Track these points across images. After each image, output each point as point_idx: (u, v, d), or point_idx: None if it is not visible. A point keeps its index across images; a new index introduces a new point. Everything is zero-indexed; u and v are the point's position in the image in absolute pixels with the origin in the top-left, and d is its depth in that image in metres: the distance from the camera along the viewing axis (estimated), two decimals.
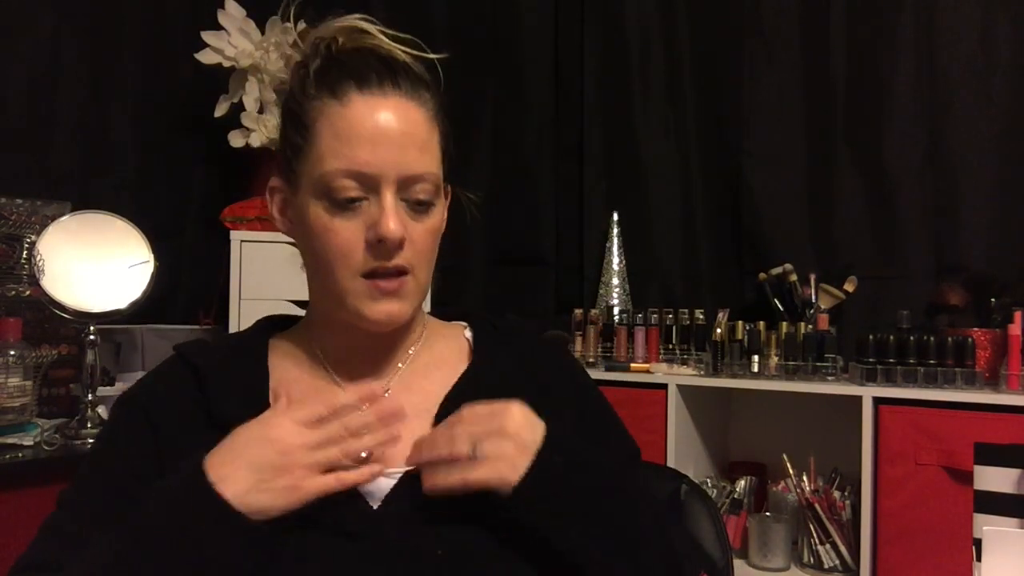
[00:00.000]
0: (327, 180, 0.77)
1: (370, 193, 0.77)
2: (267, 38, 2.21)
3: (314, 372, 0.86)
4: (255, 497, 0.69)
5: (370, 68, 0.79)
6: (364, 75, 0.78)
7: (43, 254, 1.61)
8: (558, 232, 2.46)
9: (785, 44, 2.18)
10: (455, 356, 0.89)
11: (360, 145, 0.76)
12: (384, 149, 0.76)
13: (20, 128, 2.02)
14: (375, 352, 0.86)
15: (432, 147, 0.80)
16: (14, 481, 1.45)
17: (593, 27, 2.41)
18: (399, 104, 0.78)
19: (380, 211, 0.76)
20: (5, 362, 1.60)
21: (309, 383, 0.85)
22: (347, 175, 0.76)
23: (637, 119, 2.34)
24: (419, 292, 0.82)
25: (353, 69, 0.79)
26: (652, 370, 2.00)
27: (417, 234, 0.79)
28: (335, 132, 0.77)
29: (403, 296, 0.80)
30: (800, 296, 2.04)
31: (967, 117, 1.98)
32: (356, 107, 0.77)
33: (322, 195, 0.78)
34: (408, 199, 0.79)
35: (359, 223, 0.77)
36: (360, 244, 0.77)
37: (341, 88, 0.78)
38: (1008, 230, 1.94)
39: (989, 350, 1.72)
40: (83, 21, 2.14)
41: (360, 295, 0.79)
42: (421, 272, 0.81)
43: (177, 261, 2.30)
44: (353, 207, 0.77)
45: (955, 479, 1.60)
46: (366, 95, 0.77)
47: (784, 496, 1.91)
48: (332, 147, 0.77)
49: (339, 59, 0.80)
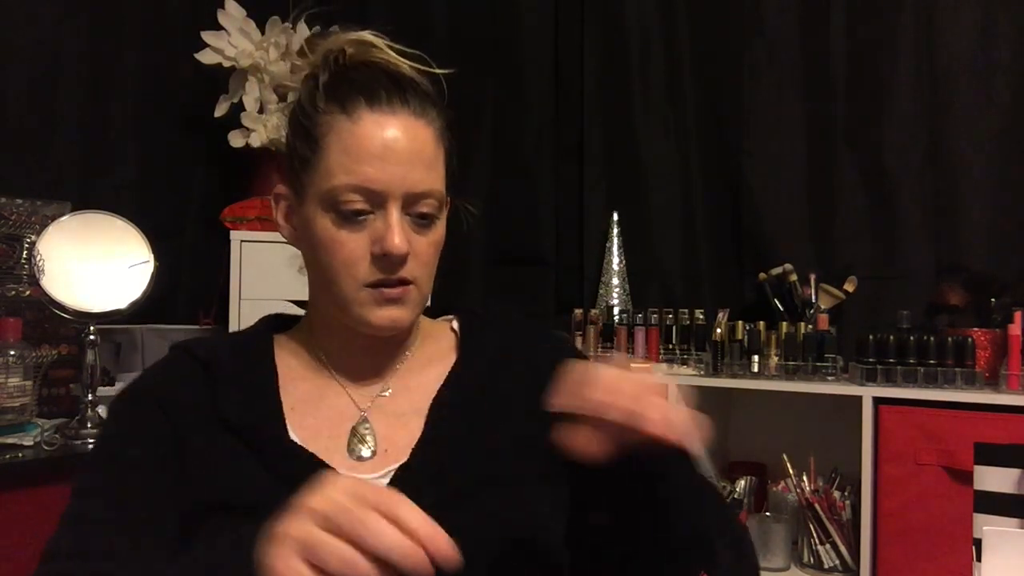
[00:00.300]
0: (335, 194, 0.78)
1: (376, 208, 0.79)
2: (267, 38, 2.21)
3: (318, 372, 0.87)
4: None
5: (380, 85, 0.80)
6: (374, 91, 0.79)
7: (43, 254, 1.61)
8: (558, 232, 2.46)
9: (785, 44, 2.18)
10: (445, 351, 0.90)
11: (368, 161, 0.78)
12: (392, 166, 0.78)
13: (20, 128, 2.02)
14: (374, 354, 0.87)
15: (438, 165, 0.82)
16: (14, 481, 1.45)
17: (593, 27, 2.41)
18: (408, 122, 0.80)
19: (386, 227, 0.78)
20: (5, 362, 1.60)
21: (313, 383, 0.86)
22: (355, 190, 0.78)
23: (637, 119, 2.34)
24: (421, 300, 0.84)
25: (363, 85, 0.80)
26: (652, 370, 2.00)
27: (420, 247, 0.81)
28: (344, 147, 0.78)
29: (406, 303, 0.82)
30: (800, 296, 2.03)
31: (967, 117, 1.98)
32: (366, 124, 0.78)
33: (329, 208, 0.79)
34: (412, 213, 0.80)
35: (364, 236, 0.79)
36: (366, 257, 0.79)
37: (351, 103, 0.79)
38: (1008, 230, 1.94)
39: (989, 350, 1.72)
40: (83, 21, 2.14)
41: (365, 303, 0.80)
42: (423, 282, 0.83)
43: (177, 261, 2.30)
44: (359, 220, 0.79)
45: (955, 479, 1.60)
46: (376, 112, 0.79)
47: (784, 496, 1.91)
48: (341, 162, 0.78)
49: (348, 73, 0.81)
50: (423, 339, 0.92)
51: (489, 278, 2.51)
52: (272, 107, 2.21)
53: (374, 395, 0.86)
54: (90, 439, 1.62)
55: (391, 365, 0.88)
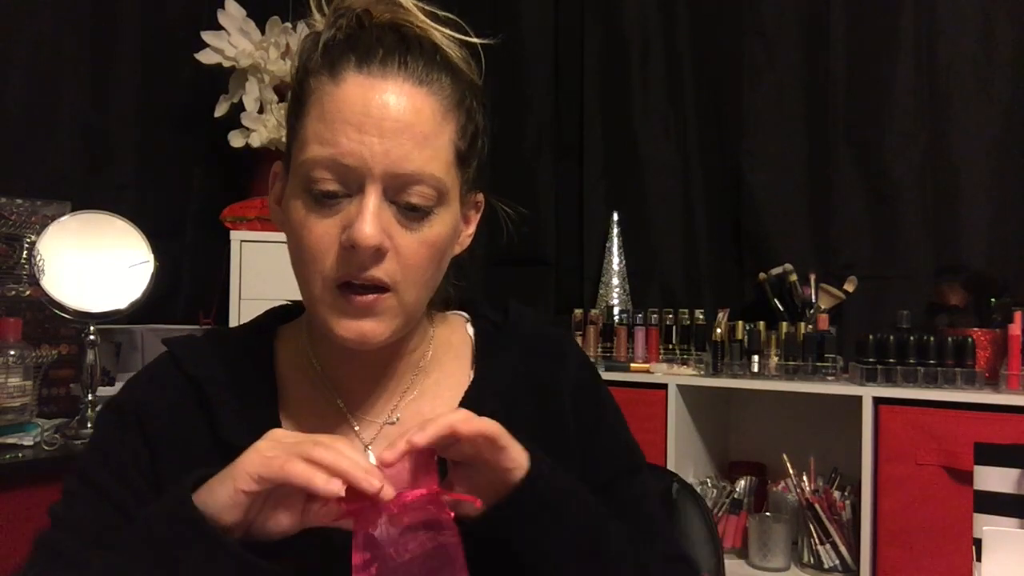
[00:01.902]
0: (306, 169, 0.67)
1: (353, 190, 0.66)
2: (267, 38, 2.21)
3: (319, 395, 0.78)
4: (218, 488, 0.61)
5: (379, 43, 0.67)
6: (369, 50, 0.67)
7: (43, 254, 1.61)
8: (558, 232, 2.46)
9: (785, 44, 2.18)
10: (460, 370, 0.82)
11: (343, 131, 0.65)
12: (371, 138, 0.65)
13: (20, 128, 2.02)
14: (376, 373, 0.78)
15: (438, 144, 0.68)
16: (14, 481, 1.45)
17: (593, 27, 2.41)
18: (402, 88, 0.66)
19: (358, 212, 0.65)
20: (5, 362, 1.60)
21: (313, 408, 0.77)
22: (326, 166, 0.66)
23: (637, 119, 2.34)
24: (402, 312, 0.70)
25: (359, 43, 0.68)
26: (652, 370, 2.00)
27: (406, 245, 0.68)
28: (321, 114, 0.66)
29: (379, 314, 0.68)
30: (800, 296, 2.04)
31: (967, 117, 1.98)
32: (348, 87, 0.66)
33: (302, 188, 0.68)
34: (399, 203, 0.67)
35: (335, 223, 0.67)
36: (334, 247, 0.67)
37: (340, 64, 0.67)
38: (1008, 230, 1.94)
39: (989, 350, 1.73)
40: (83, 21, 2.14)
41: (330, 308, 0.68)
42: (408, 290, 0.69)
43: (177, 261, 2.30)
44: (331, 204, 0.67)
45: (955, 479, 1.60)
46: (363, 74, 0.66)
47: (784, 496, 1.91)
48: (316, 131, 0.66)
49: (353, 32, 0.69)
50: (437, 350, 0.81)
51: (489, 278, 2.50)
52: (272, 107, 2.21)
53: (381, 423, 0.77)
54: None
55: (399, 388, 0.79)
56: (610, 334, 2.15)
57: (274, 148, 2.20)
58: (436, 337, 0.82)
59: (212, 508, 0.61)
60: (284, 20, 2.21)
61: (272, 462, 0.60)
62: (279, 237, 0.82)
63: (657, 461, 1.85)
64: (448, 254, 0.75)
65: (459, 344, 0.84)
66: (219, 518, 0.61)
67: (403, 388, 0.79)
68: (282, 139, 2.24)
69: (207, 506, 0.61)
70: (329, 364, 0.78)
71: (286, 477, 0.59)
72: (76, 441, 1.61)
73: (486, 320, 0.86)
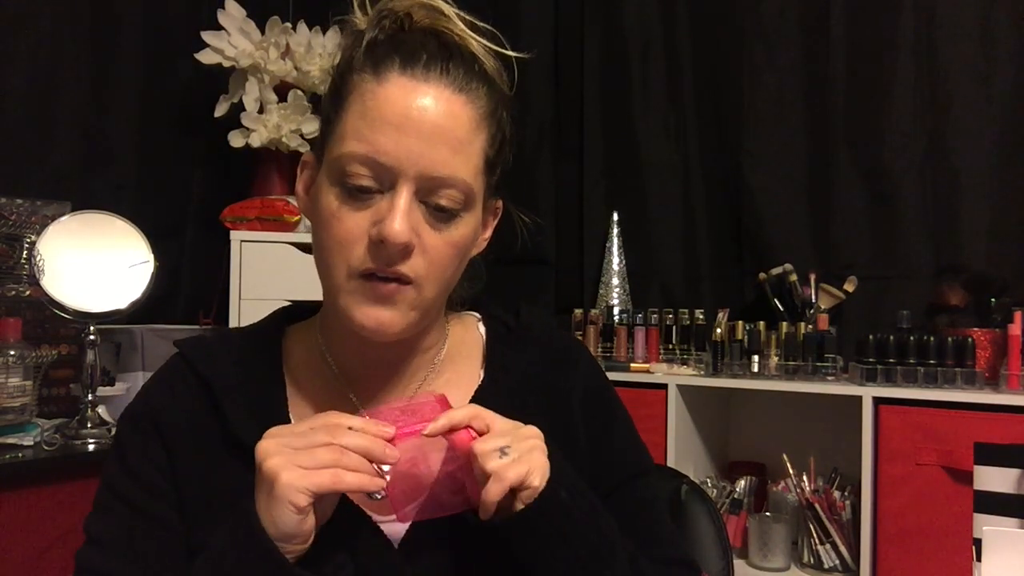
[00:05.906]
0: (342, 163, 0.69)
1: (386, 187, 0.69)
2: (267, 38, 2.21)
3: (331, 389, 0.80)
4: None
5: (423, 48, 0.70)
6: (413, 54, 0.70)
7: (43, 254, 1.61)
8: (558, 232, 2.46)
9: (785, 44, 2.18)
10: (470, 371, 0.83)
11: (383, 131, 0.68)
12: (409, 140, 0.68)
13: (20, 128, 2.02)
14: (389, 368, 0.79)
15: (471, 151, 0.72)
16: (14, 481, 1.45)
17: (593, 27, 2.41)
18: (442, 94, 0.69)
19: (389, 208, 0.68)
20: (5, 362, 1.60)
21: (325, 407, 0.77)
22: (363, 161, 0.68)
23: (637, 119, 2.34)
24: (421, 306, 0.72)
25: (403, 45, 0.70)
26: (652, 370, 2.00)
27: (432, 244, 0.70)
28: (363, 111, 0.69)
29: (398, 305, 0.71)
30: (800, 296, 2.04)
31: (967, 117, 1.98)
32: (391, 88, 0.69)
33: (336, 180, 0.70)
34: (429, 203, 0.70)
35: (366, 217, 0.69)
36: (363, 240, 0.69)
37: (384, 64, 0.70)
38: (1008, 230, 1.94)
39: (989, 350, 1.73)
40: (83, 21, 2.14)
41: (351, 295, 0.70)
42: (429, 286, 0.72)
43: (177, 261, 2.30)
44: (364, 199, 0.69)
45: (955, 479, 1.60)
46: (406, 76, 0.69)
47: (784, 496, 1.91)
48: (356, 128, 0.69)
49: (399, 35, 0.72)
50: (451, 349, 0.83)
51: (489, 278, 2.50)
52: (272, 107, 2.21)
53: None
54: (90, 439, 1.62)
55: (412, 384, 0.80)
56: (610, 334, 2.15)
57: (274, 148, 2.20)
58: (451, 336, 0.84)
59: (280, 536, 0.64)
60: (284, 20, 2.21)
61: (318, 476, 0.63)
62: (279, 237, 0.84)
63: (657, 461, 1.84)
64: (468, 255, 0.77)
65: (471, 344, 0.85)
66: (290, 543, 0.64)
67: (416, 385, 0.81)
68: (282, 139, 2.25)
69: (275, 539, 0.64)
70: (343, 359, 0.80)
71: (341, 488, 0.64)
72: (76, 441, 1.61)
73: (498, 321, 0.88)
